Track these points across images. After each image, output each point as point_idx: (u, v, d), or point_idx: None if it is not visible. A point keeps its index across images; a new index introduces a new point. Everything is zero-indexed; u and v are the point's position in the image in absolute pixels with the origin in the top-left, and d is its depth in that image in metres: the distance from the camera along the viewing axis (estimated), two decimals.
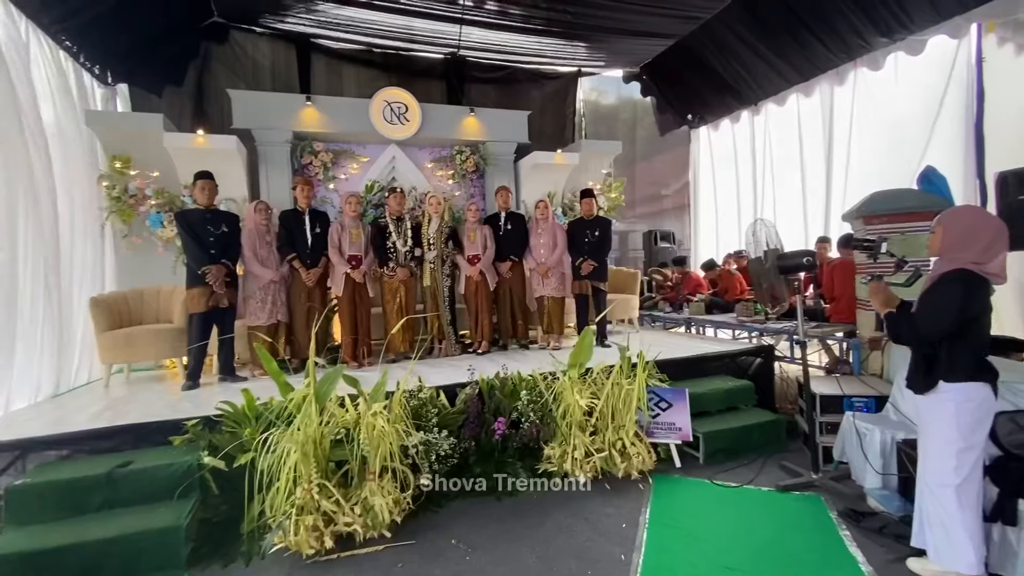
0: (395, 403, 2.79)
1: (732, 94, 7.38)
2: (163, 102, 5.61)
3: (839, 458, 3.21)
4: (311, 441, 2.46)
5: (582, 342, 3.30)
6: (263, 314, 4.12)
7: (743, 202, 7.77)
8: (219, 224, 3.95)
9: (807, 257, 3.02)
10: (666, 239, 8.51)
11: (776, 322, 4.85)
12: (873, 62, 5.63)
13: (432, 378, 3.54)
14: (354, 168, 5.84)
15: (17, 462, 2.66)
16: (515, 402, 3.23)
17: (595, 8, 5.93)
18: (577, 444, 3.05)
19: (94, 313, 4.03)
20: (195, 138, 4.67)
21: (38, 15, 3.98)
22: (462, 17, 6.00)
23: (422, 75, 6.96)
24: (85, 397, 3.73)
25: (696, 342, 5.09)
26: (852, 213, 4.03)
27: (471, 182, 6.36)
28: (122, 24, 4.73)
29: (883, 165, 5.54)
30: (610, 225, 5.12)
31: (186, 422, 2.80)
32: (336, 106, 5.59)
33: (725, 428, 3.55)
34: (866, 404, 3.40)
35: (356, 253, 4.42)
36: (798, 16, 5.70)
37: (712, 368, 4.26)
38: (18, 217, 3.51)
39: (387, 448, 2.58)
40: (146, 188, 4.74)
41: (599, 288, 4.93)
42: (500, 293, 4.97)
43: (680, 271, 7.17)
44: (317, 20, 6.02)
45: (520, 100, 7.40)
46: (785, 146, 6.94)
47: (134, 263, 4.83)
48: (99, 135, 4.66)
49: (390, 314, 4.57)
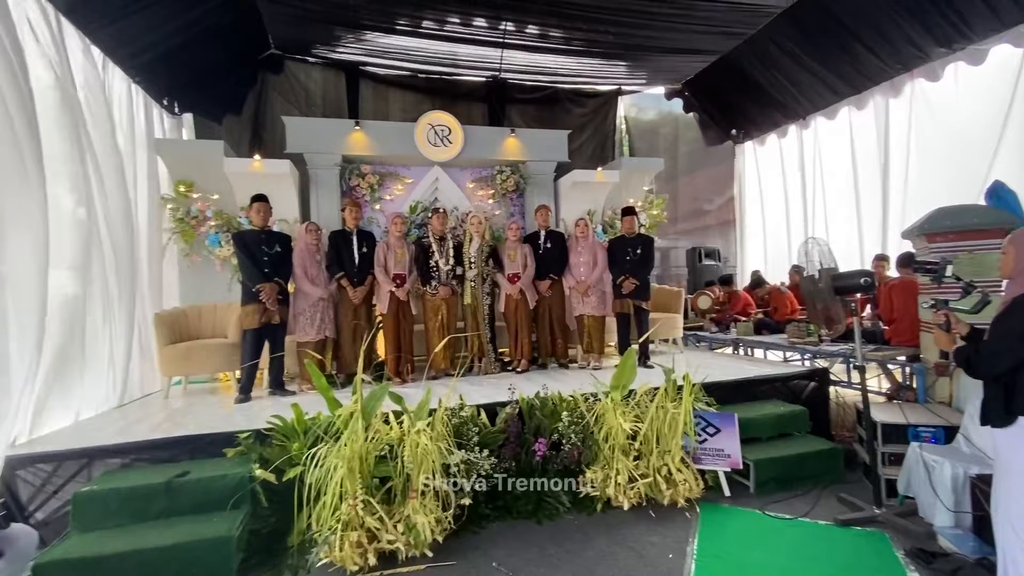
0: (438, 421, 2.81)
1: (778, 108, 7.21)
2: (223, 129, 5.99)
3: (904, 492, 2.99)
4: (357, 457, 2.50)
5: (624, 363, 3.24)
6: (312, 330, 4.26)
7: (793, 218, 7.51)
8: (273, 244, 4.13)
9: (864, 277, 2.87)
10: (711, 256, 8.29)
11: (831, 344, 4.62)
12: (931, 72, 5.39)
13: (472, 396, 3.55)
14: (399, 189, 6.01)
15: (84, 469, 2.83)
16: (556, 423, 3.19)
17: (636, 28, 5.95)
18: (620, 468, 2.97)
19: (158, 328, 4.28)
20: (252, 163, 4.94)
21: (115, 52, 4.34)
22: (503, 41, 6.14)
23: (464, 98, 7.15)
24: (146, 408, 3.94)
25: (744, 364, 4.89)
26: (913, 230, 3.82)
27: (511, 201, 6.42)
28: (188, 59, 5.10)
29: (945, 179, 5.24)
30: (652, 243, 5.04)
31: (239, 435, 2.90)
32: (382, 130, 5.80)
33: (777, 456, 3.38)
34: (934, 434, 3.17)
35: (400, 272, 4.53)
36: (848, 28, 5.54)
37: (762, 392, 4.09)
38: (92, 236, 3.77)
39: (430, 466, 2.59)
40: (207, 210, 5.03)
41: (641, 307, 4.85)
42: (540, 311, 4.96)
43: (727, 290, 6.95)
44: (365, 48, 6.31)
45: (560, 119, 7.47)
46: (837, 161, 6.69)
47: (193, 280, 5.11)
48: (166, 161, 5.00)
49: (431, 331, 4.64)
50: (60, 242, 3.29)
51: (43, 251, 3.01)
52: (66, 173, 3.49)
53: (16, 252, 2.84)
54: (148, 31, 4.45)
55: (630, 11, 5.58)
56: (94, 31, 4.01)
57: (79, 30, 3.86)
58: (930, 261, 2.35)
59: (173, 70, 5.07)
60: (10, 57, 2.88)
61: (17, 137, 2.86)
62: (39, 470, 2.78)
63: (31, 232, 2.94)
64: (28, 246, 2.91)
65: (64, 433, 3.24)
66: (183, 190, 5.00)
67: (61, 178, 3.43)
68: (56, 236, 3.18)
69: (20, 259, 2.87)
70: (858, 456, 3.61)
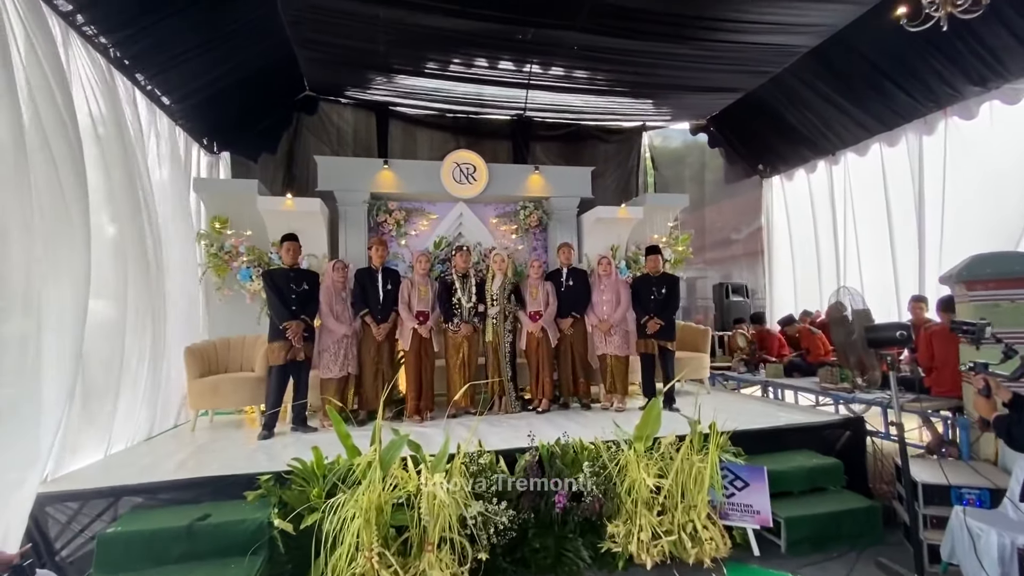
0: (455, 470, 2.77)
1: (806, 144, 7.12)
2: (258, 166, 6.24)
3: (948, 560, 2.79)
4: (374, 508, 2.48)
5: (649, 414, 3.16)
6: (335, 367, 4.31)
7: (823, 254, 7.33)
8: (301, 282, 4.24)
9: (900, 331, 2.74)
10: (738, 292, 8.11)
11: (866, 391, 4.42)
12: (965, 111, 5.26)
13: (491, 439, 3.52)
14: (424, 225, 6.12)
15: (110, 508, 2.88)
16: (576, 472, 3.12)
17: (660, 68, 6.01)
18: (643, 524, 2.87)
19: (188, 361, 4.40)
20: (284, 201, 5.11)
21: (160, 100, 4.60)
22: (528, 83, 6.28)
23: (490, 136, 7.31)
24: (173, 442, 4.01)
25: (774, 409, 4.72)
26: (952, 277, 3.68)
27: (534, 236, 6.46)
28: (228, 103, 5.37)
29: (983, 219, 5.06)
30: (678, 282, 4.97)
31: (259, 477, 2.92)
32: (410, 168, 5.96)
33: (810, 514, 3.22)
34: (979, 497, 2.98)
35: (424, 309, 4.57)
36: (877, 66, 5.48)
37: (793, 441, 3.92)
38: (128, 270, 3.90)
39: (446, 519, 2.55)
40: (240, 245, 5.20)
41: (666, 348, 4.76)
42: (561, 350, 4.92)
43: (758, 328, 6.74)
44: (395, 90, 6.55)
45: (584, 155, 7.54)
46: (869, 197, 6.51)
47: (223, 313, 5.25)
48: (203, 199, 5.23)
49: (453, 369, 4.65)
50: (99, 274, 3.39)
51: (83, 294, 3.13)
52: (109, 207, 3.67)
53: (56, 297, 2.97)
54: (191, 80, 4.71)
55: (654, 53, 5.65)
56: (141, 82, 4.27)
57: (128, 80, 4.12)
58: (968, 322, 2.23)
59: (213, 113, 5.35)
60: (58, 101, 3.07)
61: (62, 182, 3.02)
62: (66, 508, 2.84)
63: (72, 275, 3.08)
64: (68, 289, 3.04)
65: (93, 468, 3.32)
66: (218, 226, 5.20)
67: (104, 210, 3.60)
68: (96, 268, 3.30)
69: (60, 302, 3.00)
70: (898, 515, 3.41)
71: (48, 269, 2.89)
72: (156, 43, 4.10)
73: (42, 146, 2.91)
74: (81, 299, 3.11)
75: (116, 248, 3.73)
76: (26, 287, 2.75)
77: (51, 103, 3.01)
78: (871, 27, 5.06)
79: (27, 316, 2.76)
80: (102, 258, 3.53)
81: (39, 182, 2.88)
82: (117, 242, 3.74)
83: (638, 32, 5.25)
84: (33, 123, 2.87)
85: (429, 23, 5.08)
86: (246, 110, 5.77)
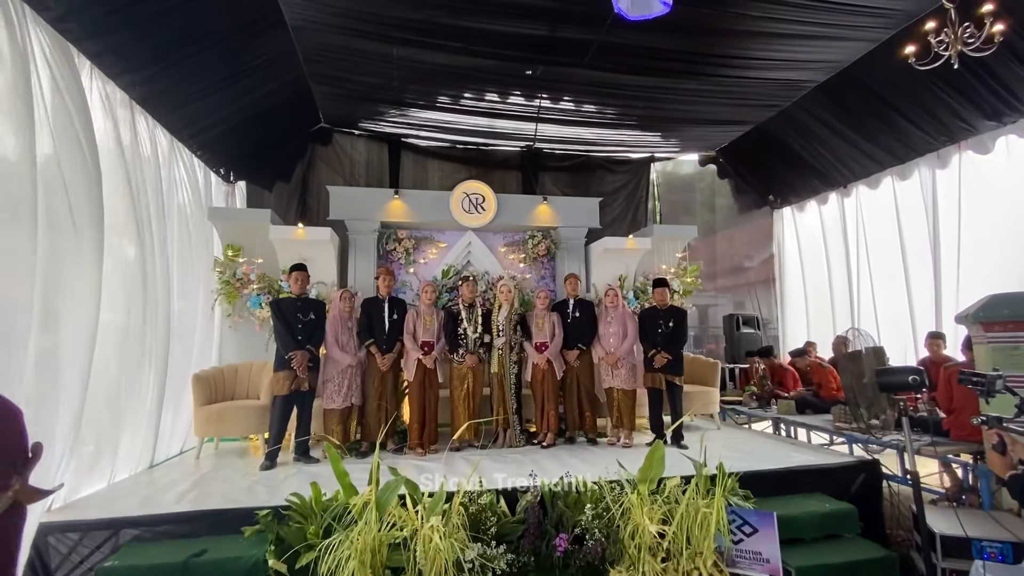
0: (453, 511, 2.72)
1: (817, 176, 7.10)
2: (272, 196, 6.39)
3: None
4: (369, 550, 2.44)
5: (653, 455, 3.09)
6: (339, 398, 4.31)
7: (836, 286, 7.22)
8: (308, 312, 4.28)
9: (913, 375, 2.67)
10: (749, 324, 7.97)
11: (880, 432, 4.28)
12: (980, 145, 5.22)
13: (493, 475, 3.45)
14: (433, 253, 6.17)
15: (110, 539, 2.87)
16: (579, 515, 3.04)
17: (669, 102, 6.08)
18: (647, 571, 2.77)
19: (195, 389, 4.43)
20: (296, 231, 5.21)
21: (179, 132, 4.76)
22: (538, 116, 6.39)
23: (500, 166, 7.42)
24: (176, 471, 4.02)
25: (785, 448, 4.57)
26: (968, 317, 3.59)
27: (542, 265, 6.47)
28: (245, 135, 5.54)
29: (1002, 256, 4.97)
30: (685, 316, 4.92)
31: (258, 512, 2.90)
32: (420, 198, 6.05)
33: (824, 564, 3.07)
34: (1000, 551, 2.84)
35: (429, 339, 4.56)
36: (887, 101, 5.48)
37: (805, 484, 3.78)
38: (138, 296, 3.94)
39: (442, 562, 2.49)
40: (251, 273, 5.28)
41: (674, 383, 4.68)
42: (567, 382, 4.86)
43: (767, 362, 6.59)
44: (408, 122, 6.70)
45: (592, 186, 7.60)
46: (882, 229, 6.44)
47: (233, 339, 5.32)
48: (217, 228, 5.34)
49: (457, 400, 4.61)
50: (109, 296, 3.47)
51: (93, 320, 3.20)
52: (127, 234, 3.77)
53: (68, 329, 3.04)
54: (210, 114, 4.88)
55: (662, 88, 5.73)
56: (162, 116, 4.43)
57: (150, 115, 4.27)
58: (977, 374, 2.14)
59: (230, 145, 5.51)
60: (78, 131, 3.20)
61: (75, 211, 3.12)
62: (67, 538, 2.83)
63: (83, 300, 3.15)
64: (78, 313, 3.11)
65: (96, 497, 3.33)
66: (231, 254, 5.30)
67: (121, 236, 3.70)
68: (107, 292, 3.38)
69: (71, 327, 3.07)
70: (916, 566, 3.26)
71: (60, 295, 2.97)
72: (176, 81, 4.27)
73: (60, 175, 3.03)
74: (90, 324, 3.17)
75: (128, 274, 3.81)
76: (44, 309, 2.83)
77: (71, 134, 3.15)
78: (880, 63, 5.08)
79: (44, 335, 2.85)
80: (114, 284, 3.61)
81: (56, 211, 2.99)
82: (130, 267, 3.83)
83: (645, 68, 5.34)
84: (55, 152, 3.00)
85: (441, 60, 5.22)
86: (262, 142, 5.94)
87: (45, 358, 2.89)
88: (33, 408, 2.74)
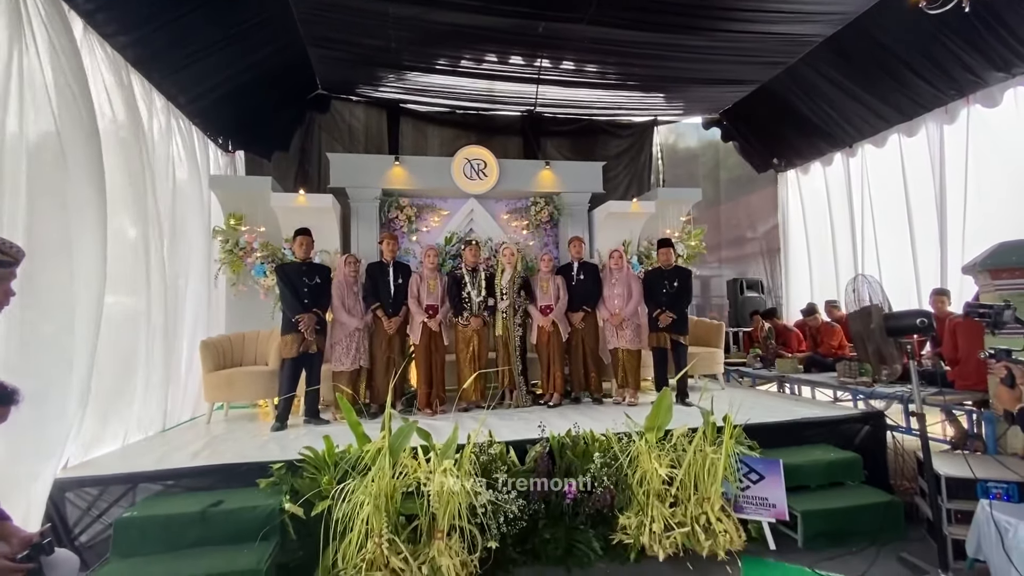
0: (465, 459, 2.76)
1: (822, 136, 7.00)
2: (272, 164, 6.32)
3: (974, 555, 2.70)
4: (383, 494, 2.48)
5: (660, 403, 3.12)
6: (347, 360, 4.34)
7: (840, 249, 7.19)
8: (313, 276, 4.27)
9: (921, 318, 2.67)
10: (753, 288, 7.98)
11: (886, 385, 4.31)
12: (988, 98, 5.13)
13: (502, 432, 3.49)
14: (435, 221, 6.14)
15: (128, 494, 2.93)
16: (587, 464, 3.08)
17: (672, 60, 5.96)
18: (655, 516, 2.83)
19: (203, 355, 4.46)
20: (297, 198, 5.16)
21: (176, 99, 4.68)
22: (539, 77, 6.27)
23: (500, 132, 7.31)
24: (188, 434, 4.07)
25: (790, 404, 4.62)
26: (975, 266, 3.57)
27: (545, 231, 6.45)
28: (242, 102, 5.44)
29: (1008, 209, 4.92)
30: (690, 275, 4.91)
31: (272, 465, 2.94)
32: (421, 164, 5.98)
33: (828, 508, 3.13)
34: (1006, 491, 2.87)
35: (433, 303, 4.57)
36: (895, 54, 5.36)
37: (810, 436, 3.83)
38: (147, 265, 3.97)
39: (455, 507, 2.54)
40: (254, 242, 5.26)
41: (679, 342, 4.70)
42: (573, 344, 4.88)
43: (771, 323, 6.61)
44: (406, 87, 6.58)
45: (595, 150, 7.51)
46: (887, 189, 6.38)
47: (239, 308, 5.32)
48: (218, 196, 5.30)
49: (463, 362, 4.64)
50: (117, 269, 3.45)
51: (100, 279, 3.20)
52: (129, 205, 3.74)
53: (80, 280, 3.04)
54: (206, 78, 4.79)
55: (665, 45, 5.60)
56: (158, 81, 4.35)
57: (144, 78, 4.20)
58: (985, 305, 2.09)
59: (228, 112, 5.42)
60: (78, 103, 3.14)
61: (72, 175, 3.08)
62: (86, 493, 2.89)
63: (92, 261, 3.14)
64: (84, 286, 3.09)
65: (111, 457, 3.38)
66: (233, 223, 5.27)
67: (124, 209, 3.67)
68: (113, 263, 3.36)
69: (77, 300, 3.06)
70: (920, 511, 3.31)
71: (65, 267, 2.96)
72: (170, 42, 4.17)
73: (62, 148, 2.98)
74: (96, 296, 3.17)
75: (132, 245, 3.80)
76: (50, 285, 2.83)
77: (73, 106, 3.09)
78: (889, 13, 4.95)
79: (51, 313, 2.85)
80: (117, 255, 3.58)
81: (60, 183, 2.96)
82: (133, 239, 3.81)
83: (648, 23, 5.20)
84: (56, 125, 2.95)
85: (439, 19, 5.10)
86: (260, 109, 5.85)
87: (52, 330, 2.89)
88: (43, 381, 2.77)
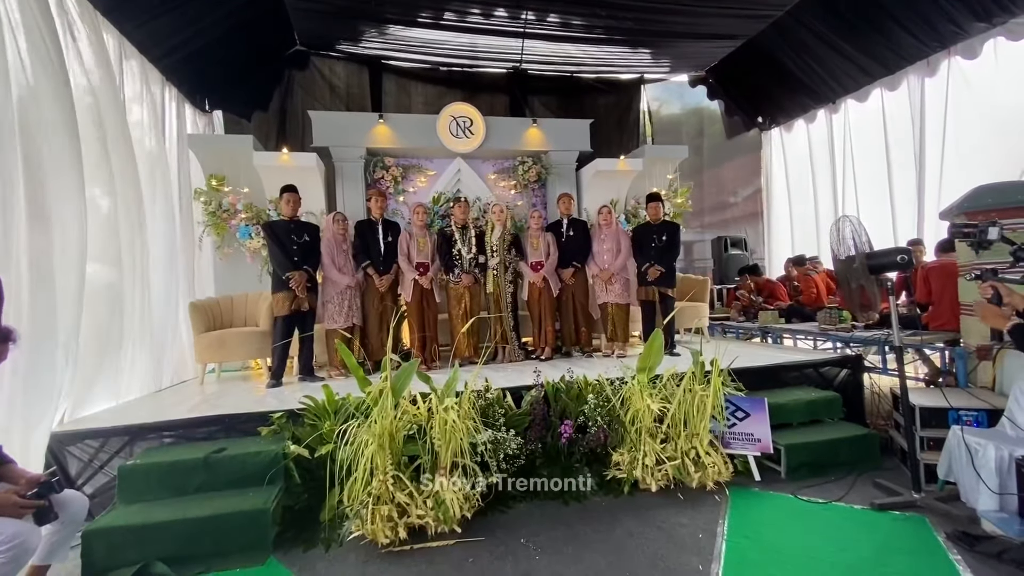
0: (464, 401, 2.83)
1: (807, 92, 7.03)
2: (251, 125, 6.14)
3: (944, 477, 2.88)
4: (387, 433, 2.54)
5: (651, 345, 3.21)
6: (340, 317, 4.34)
7: (821, 206, 7.34)
8: (301, 234, 4.23)
9: (901, 255, 2.78)
10: (736, 245, 8.13)
11: (864, 331, 4.48)
12: (969, 50, 5.20)
13: (497, 381, 3.55)
14: (422, 181, 6.07)
15: (127, 446, 2.94)
16: (581, 406, 3.19)
17: (658, 13, 5.87)
18: (647, 451, 2.95)
19: (192, 316, 4.42)
20: (280, 156, 5.05)
21: (149, 51, 4.48)
22: (524, 31, 6.13)
23: (486, 89, 7.18)
24: (182, 392, 4.07)
25: (773, 351, 4.79)
26: (953, 210, 3.68)
27: (533, 192, 6.42)
28: (217, 57, 5.25)
29: (984, 161, 5.05)
30: (678, 229, 4.97)
31: (272, 414, 2.98)
32: (406, 123, 5.86)
33: (809, 441, 3.31)
34: (976, 418, 3.06)
35: (424, 261, 4.57)
36: (880, 4, 5.37)
37: (792, 379, 4.01)
38: (130, 229, 3.87)
39: (457, 444, 2.61)
40: (237, 203, 5.16)
41: (667, 295, 4.79)
42: (563, 300, 4.95)
43: (755, 279, 6.78)
44: (388, 42, 6.39)
45: (583, 109, 7.43)
46: (868, 145, 6.50)
47: (226, 272, 5.25)
48: (198, 156, 5.15)
49: (455, 319, 4.68)
50: (96, 234, 3.40)
51: (82, 240, 3.14)
52: (103, 169, 3.62)
53: (60, 242, 2.98)
54: (178, 30, 4.59)
55: None
56: (129, 31, 4.16)
57: (117, 29, 4.01)
58: (968, 224, 2.14)
59: (203, 68, 5.23)
60: (52, 60, 3.01)
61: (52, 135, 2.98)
62: (87, 446, 2.90)
63: (74, 222, 3.08)
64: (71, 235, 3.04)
65: (108, 412, 3.38)
66: (215, 184, 5.14)
67: (98, 174, 3.56)
68: (93, 228, 3.30)
69: (65, 248, 3.01)
70: (894, 444, 3.51)
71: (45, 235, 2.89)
72: None
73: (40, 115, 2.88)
74: (78, 262, 3.11)
75: (108, 206, 3.68)
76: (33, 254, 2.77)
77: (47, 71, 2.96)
78: None
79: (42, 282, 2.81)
80: (98, 215, 3.51)
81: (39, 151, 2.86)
82: (109, 201, 3.69)
83: None
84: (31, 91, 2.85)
85: None
86: (236, 65, 5.65)
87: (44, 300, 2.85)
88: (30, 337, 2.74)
